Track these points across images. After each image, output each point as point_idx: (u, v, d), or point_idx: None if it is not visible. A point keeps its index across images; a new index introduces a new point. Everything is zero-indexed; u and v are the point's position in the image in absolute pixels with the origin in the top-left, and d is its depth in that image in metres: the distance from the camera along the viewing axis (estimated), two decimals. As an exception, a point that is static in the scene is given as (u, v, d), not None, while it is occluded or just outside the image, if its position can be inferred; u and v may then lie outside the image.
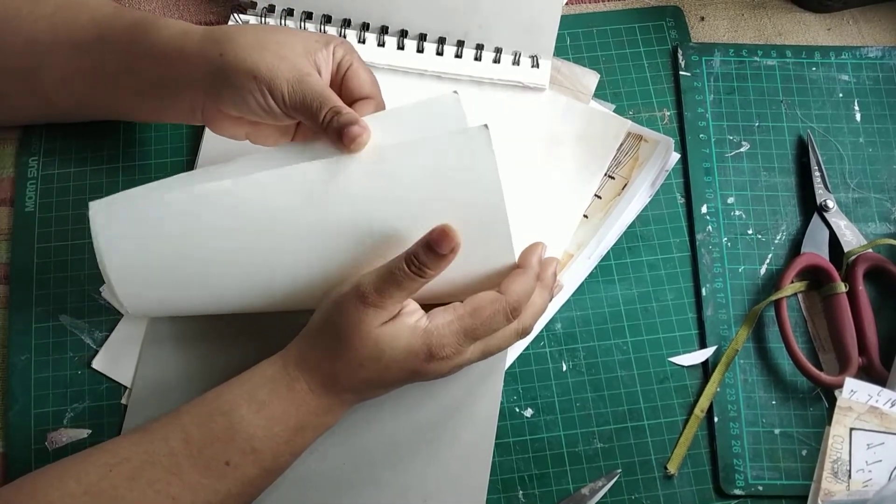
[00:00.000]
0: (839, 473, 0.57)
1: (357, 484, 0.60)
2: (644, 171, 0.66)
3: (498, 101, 0.69)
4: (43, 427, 0.61)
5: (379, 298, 0.52)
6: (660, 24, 0.73)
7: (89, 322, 0.64)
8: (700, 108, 0.70)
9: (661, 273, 0.66)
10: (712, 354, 0.64)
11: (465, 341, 0.53)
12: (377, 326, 0.52)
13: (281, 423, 0.53)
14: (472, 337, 0.54)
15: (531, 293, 0.55)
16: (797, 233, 0.67)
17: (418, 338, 0.52)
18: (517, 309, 0.54)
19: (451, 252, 0.51)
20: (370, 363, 0.53)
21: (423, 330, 0.53)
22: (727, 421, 0.62)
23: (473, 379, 0.61)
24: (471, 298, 0.54)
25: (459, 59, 0.69)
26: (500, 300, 0.53)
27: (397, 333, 0.52)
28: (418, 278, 0.52)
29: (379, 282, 0.52)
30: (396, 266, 0.52)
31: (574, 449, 0.62)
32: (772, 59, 0.72)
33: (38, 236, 0.66)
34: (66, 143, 0.69)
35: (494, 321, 0.53)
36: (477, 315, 0.53)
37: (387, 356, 0.52)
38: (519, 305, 0.54)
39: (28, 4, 0.62)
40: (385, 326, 0.52)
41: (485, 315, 0.53)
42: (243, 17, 0.70)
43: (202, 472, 0.51)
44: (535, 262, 0.56)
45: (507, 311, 0.53)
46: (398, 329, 0.52)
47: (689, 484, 0.61)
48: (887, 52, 0.72)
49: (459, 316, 0.53)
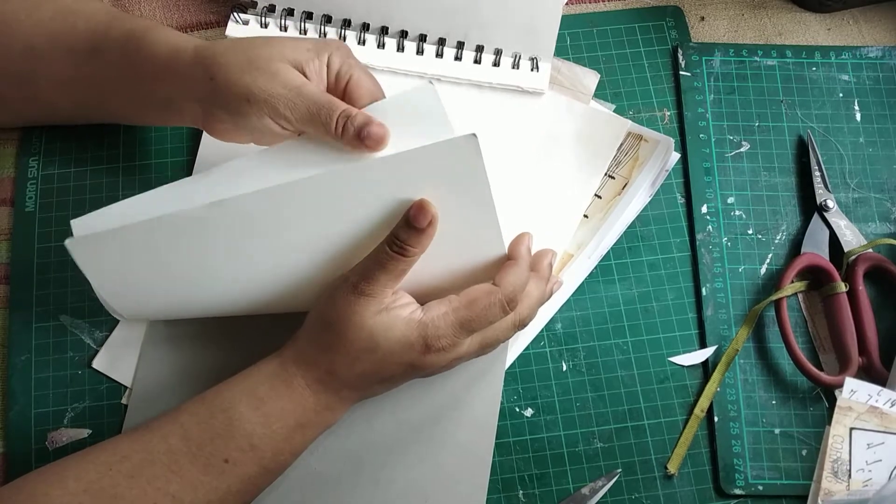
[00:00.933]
0: (839, 473, 0.57)
1: (357, 484, 0.60)
2: (644, 171, 0.66)
3: (498, 102, 0.69)
4: (43, 427, 0.61)
5: (367, 285, 0.52)
6: (660, 23, 0.73)
7: (89, 322, 0.64)
8: (700, 107, 0.70)
9: (662, 273, 0.66)
10: (712, 354, 0.64)
11: (461, 333, 0.53)
12: (370, 317, 0.52)
13: (280, 421, 0.53)
14: (469, 329, 0.54)
15: (525, 283, 0.55)
16: (797, 233, 0.67)
17: (413, 329, 0.53)
18: (513, 300, 0.54)
19: (429, 225, 0.52)
20: (366, 355, 0.53)
21: (419, 321, 0.53)
22: (727, 421, 0.62)
23: (473, 378, 0.61)
24: (466, 291, 0.54)
25: (459, 61, 0.69)
26: (495, 291, 0.54)
27: (392, 324, 0.52)
28: (402, 258, 0.52)
29: (365, 269, 0.52)
30: (380, 250, 0.52)
31: (574, 449, 0.62)
32: (772, 59, 0.72)
33: (38, 236, 0.66)
34: (67, 144, 0.69)
35: (490, 312, 0.53)
36: (472, 307, 0.53)
37: (382, 348, 0.52)
38: (514, 296, 0.54)
39: (26, 9, 0.62)
40: (379, 317, 0.52)
41: (480, 306, 0.53)
42: (243, 16, 0.70)
43: (202, 469, 0.51)
44: (524, 252, 0.56)
45: (503, 302, 0.54)
46: (392, 320, 0.52)
47: (689, 484, 0.61)
48: (887, 52, 0.72)
49: (455, 308, 0.53)
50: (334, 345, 0.53)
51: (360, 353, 0.53)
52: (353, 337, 0.52)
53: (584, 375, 0.64)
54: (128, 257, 0.55)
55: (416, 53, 0.70)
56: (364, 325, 0.52)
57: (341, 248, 0.54)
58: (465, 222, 0.53)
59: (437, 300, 0.54)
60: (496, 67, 0.69)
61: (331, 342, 0.53)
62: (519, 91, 0.69)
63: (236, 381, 0.54)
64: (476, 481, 0.60)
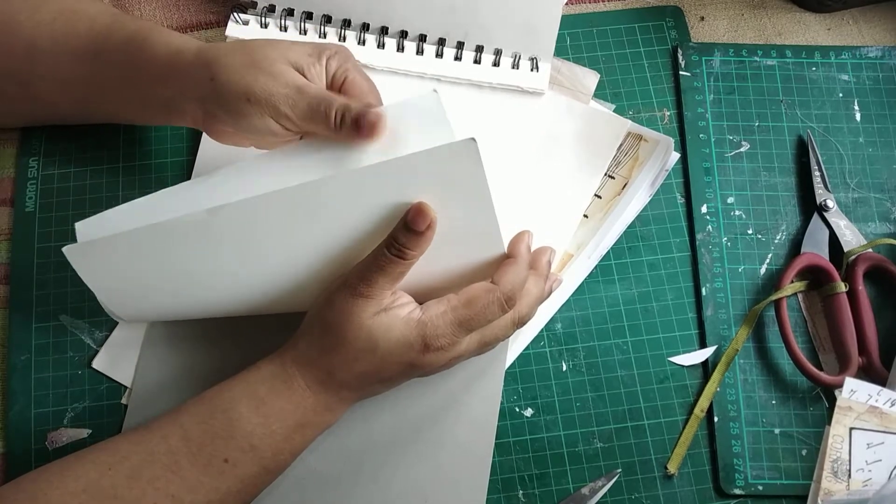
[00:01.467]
0: (839, 473, 0.57)
1: (357, 483, 0.60)
2: (644, 171, 0.66)
3: (498, 102, 0.69)
4: (43, 427, 0.61)
5: (366, 287, 0.52)
6: (660, 23, 0.73)
7: (89, 322, 0.64)
8: (700, 107, 0.70)
9: (661, 273, 0.66)
10: (712, 354, 0.64)
11: (460, 332, 0.53)
12: (369, 317, 0.52)
13: (279, 421, 0.53)
14: (468, 328, 0.54)
15: (524, 282, 0.55)
16: (797, 232, 0.67)
17: (413, 329, 0.53)
18: (511, 298, 0.54)
19: (427, 229, 0.52)
20: (365, 355, 0.53)
21: (417, 321, 0.53)
22: (727, 421, 0.62)
23: (473, 378, 0.61)
24: (465, 290, 0.54)
25: (459, 61, 0.69)
26: (494, 290, 0.54)
27: (391, 324, 0.52)
28: (400, 261, 0.52)
29: (364, 271, 0.52)
30: (378, 252, 0.52)
31: (574, 449, 0.62)
32: (771, 59, 0.72)
33: (38, 236, 0.66)
34: (67, 144, 0.69)
35: (489, 311, 0.54)
36: (471, 305, 0.53)
37: (381, 348, 0.53)
38: (513, 294, 0.54)
39: (28, 10, 0.62)
40: (378, 317, 0.52)
41: (479, 305, 0.53)
42: (243, 16, 0.70)
43: (202, 470, 0.52)
44: (524, 251, 0.56)
45: (502, 300, 0.54)
46: (391, 320, 0.53)
47: (689, 484, 0.61)
48: (887, 52, 0.72)
49: (453, 307, 0.53)
50: (334, 346, 0.53)
51: (360, 353, 0.53)
52: (352, 338, 0.53)
53: (583, 375, 0.64)
54: (127, 263, 0.55)
55: (415, 53, 0.70)
56: (363, 326, 0.52)
57: (341, 249, 0.54)
58: (464, 224, 0.53)
59: (436, 299, 0.54)
60: (496, 67, 0.69)
61: (330, 343, 0.53)
62: (519, 91, 0.69)
63: (236, 382, 0.54)
64: (476, 481, 0.60)
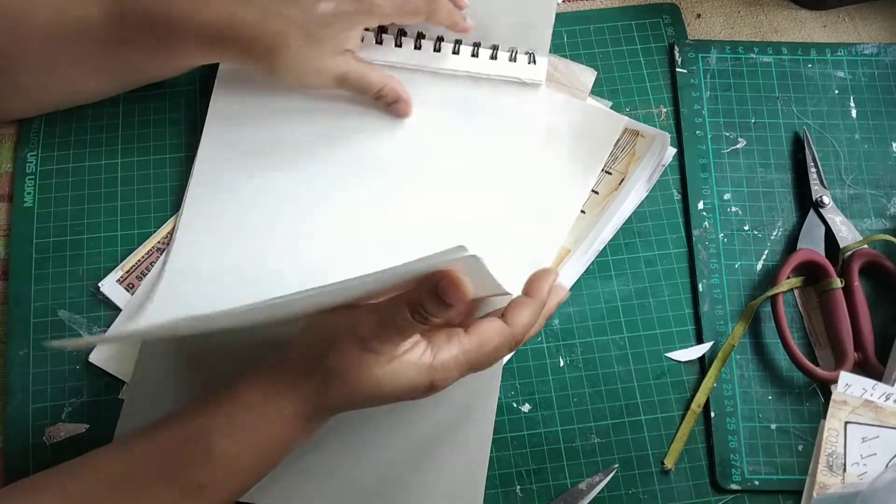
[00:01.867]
0: (834, 467, 0.57)
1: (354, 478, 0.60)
2: (641, 167, 0.66)
3: (495, 96, 0.69)
4: (41, 422, 0.61)
5: (380, 344, 0.50)
6: (656, 20, 0.74)
7: (88, 317, 0.64)
8: (696, 104, 0.71)
9: (658, 269, 0.66)
10: (709, 350, 0.64)
11: (467, 372, 0.52)
12: (380, 367, 0.50)
13: (262, 450, 0.51)
14: (475, 368, 0.53)
15: (535, 321, 0.54)
16: (793, 229, 0.68)
17: (423, 374, 0.51)
18: (522, 341, 0.53)
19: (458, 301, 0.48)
20: (370, 400, 0.52)
21: (429, 367, 0.51)
22: (724, 416, 0.63)
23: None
24: (477, 329, 0.52)
25: (457, 55, 0.69)
26: (506, 333, 0.52)
27: (401, 371, 0.51)
28: (422, 325, 0.49)
29: (379, 329, 0.49)
30: (399, 314, 0.49)
31: (571, 444, 0.62)
32: (768, 56, 0.72)
33: (36, 231, 0.66)
34: (65, 139, 0.69)
35: (499, 353, 0.52)
36: (483, 348, 0.52)
37: (386, 392, 0.51)
38: (523, 337, 0.53)
39: None
40: (389, 366, 0.50)
41: (491, 347, 0.52)
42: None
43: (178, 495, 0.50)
44: (545, 292, 0.54)
45: (512, 343, 0.53)
46: (402, 367, 0.51)
47: (685, 479, 0.62)
48: (882, 49, 0.73)
49: (465, 350, 0.52)
50: (337, 388, 0.51)
51: (365, 399, 0.51)
52: (359, 386, 0.50)
53: (581, 371, 0.64)
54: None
55: (413, 49, 0.70)
56: (372, 376, 0.50)
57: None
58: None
59: (447, 338, 0.52)
60: (493, 60, 0.69)
61: (333, 384, 0.51)
62: (516, 84, 0.69)
63: (215, 406, 0.52)
64: (474, 477, 0.60)
